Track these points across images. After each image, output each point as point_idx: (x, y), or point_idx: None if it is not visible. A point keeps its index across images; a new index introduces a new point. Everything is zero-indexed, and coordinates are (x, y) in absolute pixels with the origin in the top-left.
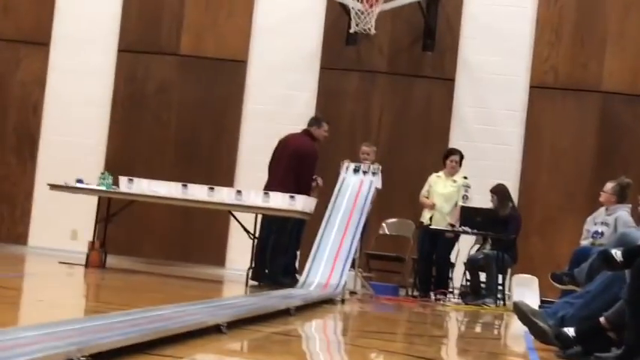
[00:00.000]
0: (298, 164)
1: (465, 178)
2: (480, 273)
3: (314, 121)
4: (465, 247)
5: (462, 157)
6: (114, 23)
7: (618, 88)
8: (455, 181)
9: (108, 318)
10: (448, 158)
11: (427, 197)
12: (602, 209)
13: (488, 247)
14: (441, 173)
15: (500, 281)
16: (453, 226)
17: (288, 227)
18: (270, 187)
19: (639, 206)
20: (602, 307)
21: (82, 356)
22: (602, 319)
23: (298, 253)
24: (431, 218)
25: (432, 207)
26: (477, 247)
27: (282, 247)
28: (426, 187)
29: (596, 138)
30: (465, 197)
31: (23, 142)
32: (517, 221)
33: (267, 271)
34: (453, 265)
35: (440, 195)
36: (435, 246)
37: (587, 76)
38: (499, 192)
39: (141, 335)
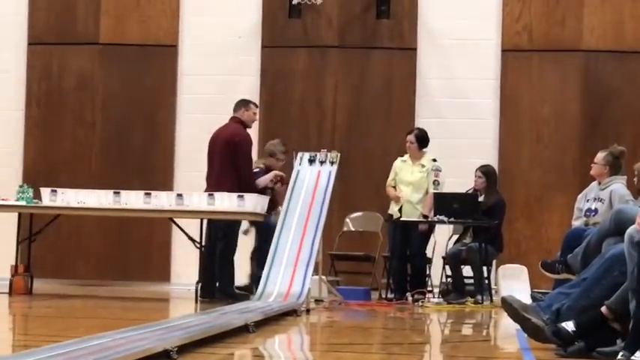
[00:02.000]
0: (232, 156)
1: (434, 160)
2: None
3: (240, 104)
4: (442, 239)
5: (419, 136)
6: (20, 13)
7: (601, 45)
8: (423, 166)
9: (39, 353)
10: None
11: (394, 187)
12: (595, 183)
13: (468, 237)
14: (406, 157)
15: (485, 274)
16: (426, 217)
17: (237, 231)
18: (207, 189)
19: (635, 177)
20: (603, 294)
21: None
22: (603, 309)
23: None
24: (400, 210)
25: (397, 200)
26: (455, 238)
27: (231, 255)
28: (391, 175)
29: (581, 103)
30: (437, 182)
31: None
32: (503, 207)
33: (217, 283)
34: (430, 261)
35: (407, 184)
36: (409, 240)
37: (565, 34)
38: (491, 174)
39: None
